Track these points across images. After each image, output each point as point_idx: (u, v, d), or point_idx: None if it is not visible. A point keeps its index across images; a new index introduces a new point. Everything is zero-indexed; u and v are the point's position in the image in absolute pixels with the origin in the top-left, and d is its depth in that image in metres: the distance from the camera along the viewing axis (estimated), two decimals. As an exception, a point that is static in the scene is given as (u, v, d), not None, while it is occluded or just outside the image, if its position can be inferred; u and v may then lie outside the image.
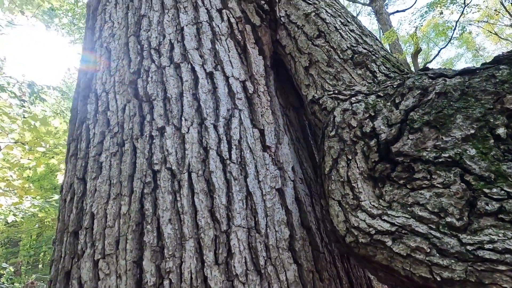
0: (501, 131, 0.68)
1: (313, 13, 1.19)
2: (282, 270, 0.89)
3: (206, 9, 1.28)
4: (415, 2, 24.49)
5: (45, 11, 6.99)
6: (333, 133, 0.86)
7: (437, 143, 0.72)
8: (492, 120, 0.70)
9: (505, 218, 0.58)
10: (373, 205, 0.73)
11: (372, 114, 0.83)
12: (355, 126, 0.83)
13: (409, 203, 0.69)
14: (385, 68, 0.99)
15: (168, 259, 0.83)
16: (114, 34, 1.29)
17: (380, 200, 0.73)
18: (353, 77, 1.01)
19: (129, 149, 1.01)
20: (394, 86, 0.86)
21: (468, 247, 0.57)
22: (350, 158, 0.81)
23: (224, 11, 1.28)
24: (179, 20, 1.24)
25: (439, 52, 17.31)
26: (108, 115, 1.11)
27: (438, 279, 0.57)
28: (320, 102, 1.01)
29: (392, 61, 1.06)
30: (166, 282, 0.81)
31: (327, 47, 1.10)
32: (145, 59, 1.16)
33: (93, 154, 1.06)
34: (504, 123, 0.69)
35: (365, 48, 1.06)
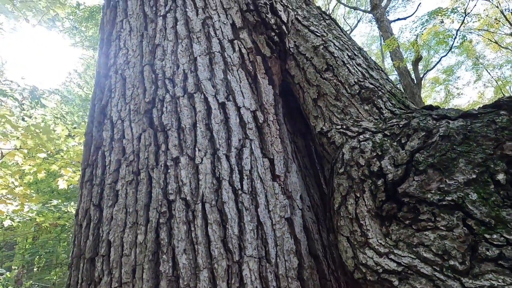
0: (501, 177, 0.74)
1: (322, 46, 1.25)
2: (292, 299, 0.93)
3: (218, 39, 1.34)
4: (416, 10, 24.75)
5: (49, 18, 7.08)
6: (342, 170, 0.92)
7: (441, 186, 0.77)
8: (492, 166, 0.76)
9: (504, 264, 0.63)
10: (380, 243, 0.78)
11: (379, 153, 0.88)
12: (363, 164, 0.88)
13: (414, 243, 0.74)
14: (391, 105, 1.05)
15: (183, 289, 0.88)
16: (129, 61, 1.35)
17: (387, 239, 0.78)
18: (360, 112, 1.06)
19: (144, 178, 1.06)
20: (400, 126, 0.92)
21: (471, 293, 0.62)
22: (359, 196, 0.86)
23: (235, 41, 1.34)
24: (192, 50, 1.30)
25: (439, 60, 17.41)
26: (124, 143, 1.16)
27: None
28: (329, 136, 1.06)
29: (398, 96, 1.11)
30: (182, 312, 0.85)
31: (335, 81, 1.16)
32: (160, 88, 1.22)
33: (109, 182, 1.11)
34: (503, 169, 0.75)
35: (371, 83, 1.12)
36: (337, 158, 0.96)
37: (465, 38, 17.40)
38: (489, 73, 28.40)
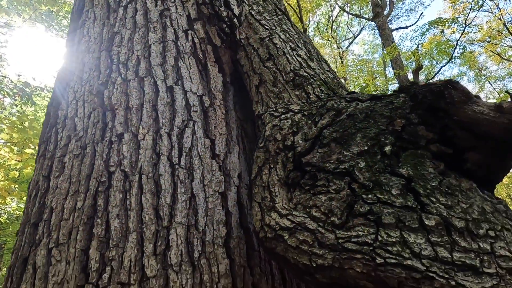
0: (387, 148, 0.85)
1: (267, 38, 1.37)
2: (215, 263, 1.03)
3: (174, 29, 1.46)
4: (417, 20, 25.07)
5: (45, 14, 7.24)
6: (261, 144, 1.03)
7: (339, 157, 0.88)
8: (383, 139, 0.87)
9: (371, 218, 0.73)
10: (284, 207, 0.88)
11: (295, 130, 1.00)
12: (280, 139, 0.99)
13: (309, 205, 0.84)
14: (319, 91, 1.16)
15: (112, 248, 0.98)
16: (90, 48, 1.47)
17: (290, 203, 0.89)
18: (291, 97, 1.17)
19: (89, 151, 1.17)
20: (318, 107, 1.03)
21: (340, 241, 0.73)
22: (272, 166, 0.97)
23: (189, 31, 1.46)
24: (148, 38, 1.42)
25: (439, 70, 17.66)
26: (76, 120, 1.27)
27: (314, 265, 0.73)
28: (262, 118, 1.18)
29: (329, 84, 1.23)
30: (108, 268, 0.95)
31: (274, 69, 1.27)
32: (113, 72, 1.33)
33: (59, 155, 1.22)
34: (391, 142, 0.86)
35: (306, 72, 1.23)
36: (260, 135, 1.07)
37: (465, 48, 17.65)
38: (491, 84, 28.65)
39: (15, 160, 6.05)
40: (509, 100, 0.85)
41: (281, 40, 1.36)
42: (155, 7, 1.50)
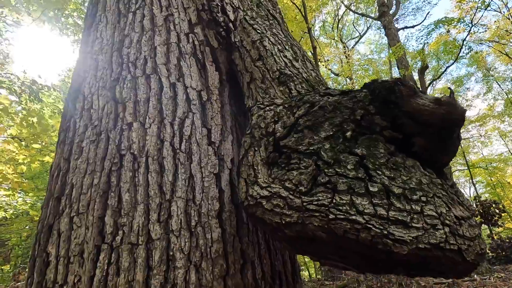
0: (348, 133, 1.06)
1: (258, 41, 1.59)
2: (209, 231, 1.25)
3: (177, 32, 1.68)
4: (424, 19, 25.06)
5: (52, 15, 7.51)
6: (248, 131, 1.24)
7: (310, 140, 1.09)
8: (345, 126, 1.08)
9: (329, 186, 0.94)
10: (265, 181, 1.10)
11: (276, 119, 1.21)
12: (263, 127, 1.21)
13: (284, 179, 1.05)
14: (300, 87, 1.37)
15: (123, 216, 1.20)
16: (103, 48, 1.69)
17: (269, 178, 1.10)
18: (276, 92, 1.39)
19: (104, 137, 1.39)
20: (296, 100, 1.24)
21: (304, 204, 0.94)
22: (256, 149, 1.18)
23: (190, 35, 1.68)
24: (154, 40, 1.64)
25: (445, 70, 17.79)
26: (91, 112, 1.50)
27: (283, 222, 0.94)
28: (251, 110, 1.39)
29: (311, 81, 1.44)
30: (120, 232, 1.17)
31: (263, 68, 1.49)
32: (124, 70, 1.55)
33: (77, 141, 1.44)
34: (352, 128, 1.07)
35: (290, 71, 1.44)
36: (248, 123, 1.28)
37: (471, 49, 17.66)
38: (499, 85, 28.55)
39: (23, 155, 6.33)
40: (449, 95, 1.05)
41: (270, 42, 1.57)
42: (160, 12, 1.72)
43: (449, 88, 1.11)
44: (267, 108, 1.27)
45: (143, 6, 1.75)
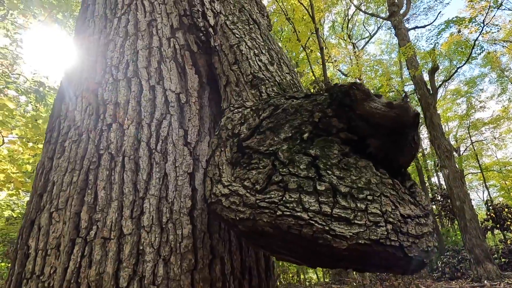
0: (305, 135, 1.12)
1: (236, 45, 1.66)
2: (180, 227, 1.33)
3: (159, 37, 1.76)
4: (435, 19, 24.78)
5: (60, 16, 7.74)
6: (217, 132, 1.32)
7: (270, 142, 1.16)
8: (303, 128, 1.14)
9: (281, 185, 1.01)
10: (227, 180, 1.17)
11: (243, 121, 1.28)
12: (230, 128, 1.28)
13: (244, 178, 1.13)
14: (271, 90, 1.44)
15: (98, 212, 1.29)
16: (89, 52, 1.79)
17: (232, 177, 1.17)
18: (248, 95, 1.46)
19: (84, 138, 1.48)
20: (263, 103, 1.31)
21: (257, 201, 1.01)
22: (222, 150, 1.25)
23: (172, 39, 1.77)
24: (136, 44, 1.73)
25: (456, 71, 17.58)
26: (75, 113, 1.59)
27: (237, 218, 1.01)
28: (224, 112, 1.47)
29: (283, 84, 1.51)
30: (94, 227, 1.26)
31: (238, 72, 1.56)
32: (107, 73, 1.65)
33: (60, 141, 1.54)
34: (309, 130, 1.13)
35: (263, 75, 1.51)
36: (217, 125, 1.36)
37: (483, 49, 17.43)
38: (514, 86, 28.04)
39: (28, 155, 6.54)
40: (402, 99, 1.11)
41: (247, 47, 1.65)
42: (144, 18, 1.82)
43: (404, 91, 1.16)
44: (236, 110, 1.34)
45: (128, 11, 1.84)
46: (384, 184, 1.05)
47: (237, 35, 1.72)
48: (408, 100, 1.07)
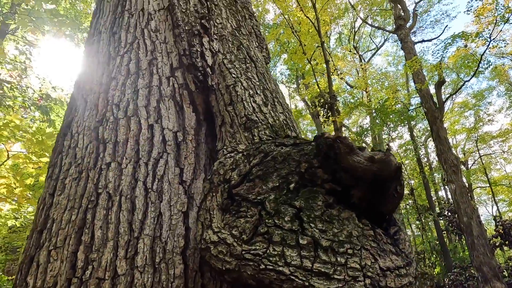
0: (292, 185, 1.19)
1: (232, 85, 1.75)
2: (172, 267, 1.39)
3: (159, 76, 1.86)
4: (442, 33, 24.91)
5: (68, 33, 8.00)
6: (209, 177, 1.39)
7: (259, 190, 1.23)
8: (290, 178, 1.21)
9: (266, 236, 1.07)
10: (217, 226, 1.23)
11: (234, 167, 1.35)
12: (222, 174, 1.35)
13: (233, 225, 1.19)
14: (263, 133, 1.52)
15: (94, 252, 1.36)
16: (92, 89, 1.89)
17: (222, 223, 1.24)
18: (241, 138, 1.53)
19: (84, 176, 1.56)
20: (254, 149, 1.39)
21: (243, 252, 1.07)
22: (214, 195, 1.32)
23: (171, 78, 1.86)
24: (137, 83, 1.82)
25: (462, 85, 17.60)
26: (76, 150, 1.68)
27: (224, 269, 1.07)
28: (218, 154, 1.54)
29: (275, 127, 1.58)
30: (89, 267, 1.33)
31: (233, 113, 1.64)
32: (108, 111, 1.74)
33: (61, 178, 1.62)
34: (295, 180, 1.20)
35: (257, 117, 1.59)
36: (210, 169, 1.43)
37: (490, 63, 17.45)
38: (523, 100, 27.93)
39: (32, 168, 6.68)
40: (385, 152, 1.17)
41: (242, 87, 1.73)
42: (145, 57, 1.92)
43: (387, 144, 1.23)
44: (228, 155, 1.42)
45: (130, 50, 1.95)
46: (365, 237, 1.10)
47: (233, 75, 1.81)
48: (391, 152, 1.14)
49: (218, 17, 2.15)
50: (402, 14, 21.13)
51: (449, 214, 20.54)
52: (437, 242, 21.12)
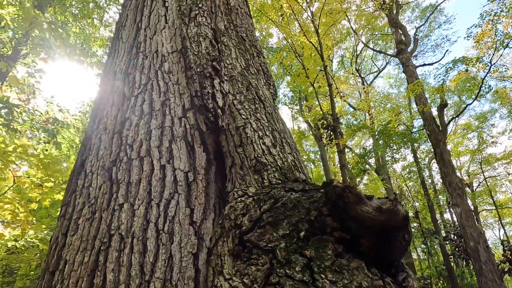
0: (302, 233, 1.22)
1: (242, 127, 1.82)
2: (182, 311, 1.40)
3: (171, 116, 1.93)
4: (443, 57, 25.34)
5: (77, 58, 8.27)
6: (221, 221, 1.43)
7: (269, 237, 1.26)
8: (300, 226, 1.25)
9: (277, 287, 1.10)
10: (229, 273, 1.26)
11: (245, 212, 1.39)
12: (233, 219, 1.39)
13: (244, 273, 1.22)
14: (272, 176, 1.57)
15: (106, 296, 1.38)
16: (106, 128, 1.96)
17: (233, 270, 1.27)
18: (251, 180, 1.58)
19: (97, 217, 1.61)
20: (264, 194, 1.43)
21: (255, 303, 1.09)
22: (225, 240, 1.36)
23: (183, 119, 1.94)
24: (150, 124, 1.89)
25: (464, 108, 17.76)
26: (90, 190, 1.73)
27: (236, 319, 1.09)
28: (228, 195, 1.58)
29: (284, 169, 1.63)
30: (102, 311, 1.35)
31: (242, 155, 1.70)
32: (121, 151, 1.80)
33: (75, 217, 1.67)
34: (306, 228, 1.24)
35: (266, 159, 1.65)
36: (222, 213, 1.47)
37: (491, 88, 17.64)
38: (525, 122, 28.00)
39: (36, 193, 6.72)
40: (391, 201, 1.21)
41: (252, 129, 1.80)
42: (159, 98, 2.00)
43: (395, 193, 1.27)
44: (239, 199, 1.46)
45: (144, 91, 2.03)
46: (375, 287, 1.13)
47: (243, 116, 1.88)
48: (398, 201, 1.18)
49: (228, 57, 2.24)
50: (403, 38, 21.61)
51: (455, 238, 20.19)
52: (444, 267, 20.63)
